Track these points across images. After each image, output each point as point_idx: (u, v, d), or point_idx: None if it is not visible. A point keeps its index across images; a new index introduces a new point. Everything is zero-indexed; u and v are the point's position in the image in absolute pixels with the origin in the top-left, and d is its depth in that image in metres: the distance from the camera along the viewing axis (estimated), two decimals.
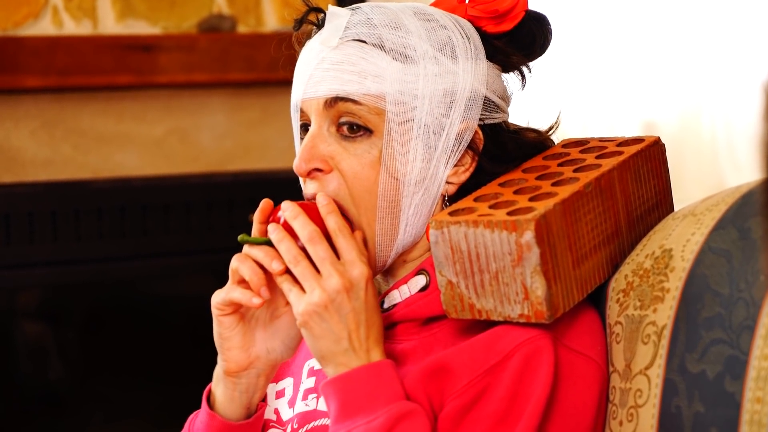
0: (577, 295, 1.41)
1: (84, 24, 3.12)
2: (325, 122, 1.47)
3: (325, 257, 1.40)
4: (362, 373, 1.38)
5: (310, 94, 1.47)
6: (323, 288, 1.38)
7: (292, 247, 1.41)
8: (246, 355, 1.48)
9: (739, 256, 1.37)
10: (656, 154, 1.55)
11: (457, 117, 1.47)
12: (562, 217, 1.38)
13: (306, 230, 1.41)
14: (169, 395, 3.03)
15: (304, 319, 1.39)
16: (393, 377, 1.39)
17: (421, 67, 1.46)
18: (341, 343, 1.39)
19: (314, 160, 1.46)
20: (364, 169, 1.45)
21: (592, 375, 1.43)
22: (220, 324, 1.48)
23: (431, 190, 1.47)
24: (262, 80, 3.17)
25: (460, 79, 1.47)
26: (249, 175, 3.24)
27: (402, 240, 1.47)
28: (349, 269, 1.40)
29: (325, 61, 1.46)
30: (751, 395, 1.30)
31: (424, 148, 1.46)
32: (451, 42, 1.48)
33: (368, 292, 1.40)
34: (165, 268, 3.17)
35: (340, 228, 1.42)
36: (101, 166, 3.15)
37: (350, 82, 1.45)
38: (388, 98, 1.45)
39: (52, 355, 3.15)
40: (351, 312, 1.39)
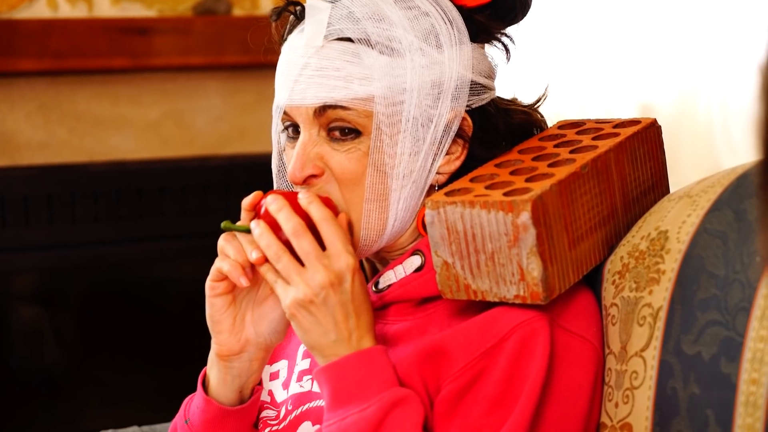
0: (573, 277, 1.41)
1: (79, 7, 3.12)
2: (315, 128, 1.46)
3: (309, 251, 1.38)
4: (353, 360, 1.38)
5: (297, 102, 1.45)
6: (308, 284, 1.37)
7: (272, 243, 1.39)
8: (236, 338, 1.48)
9: (735, 237, 1.37)
10: (652, 136, 1.55)
11: (445, 108, 1.46)
12: (558, 198, 1.38)
13: (290, 223, 1.39)
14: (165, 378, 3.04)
15: (291, 312, 1.39)
16: (385, 363, 1.38)
17: (407, 59, 1.45)
18: (329, 335, 1.38)
19: (307, 166, 1.45)
20: (351, 164, 1.45)
21: (588, 356, 1.43)
22: (211, 306, 1.47)
23: (419, 183, 1.47)
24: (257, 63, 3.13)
25: (447, 69, 1.46)
26: (245, 158, 3.23)
27: (389, 233, 1.47)
28: (334, 262, 1.38)
29: (309, 67, 1.44)
30: (747, 377, 1.30)
31: (412, 141, 1.45)
32: (435, 30, 1.46)
33: (355, 282, 1.39)
34: (161, 251, 3.17)
35: (324, 217, 1.40)
36: (97, 150, 3.14)
37: (337, 89, 1.43)
38: (377, 99, 1.44)
39: (48, 338, 3.15)
40: (338, 305, 1.37)
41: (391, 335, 1.48)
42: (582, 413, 1.42)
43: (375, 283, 1.50)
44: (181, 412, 1.56)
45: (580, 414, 1.42)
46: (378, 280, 1.50)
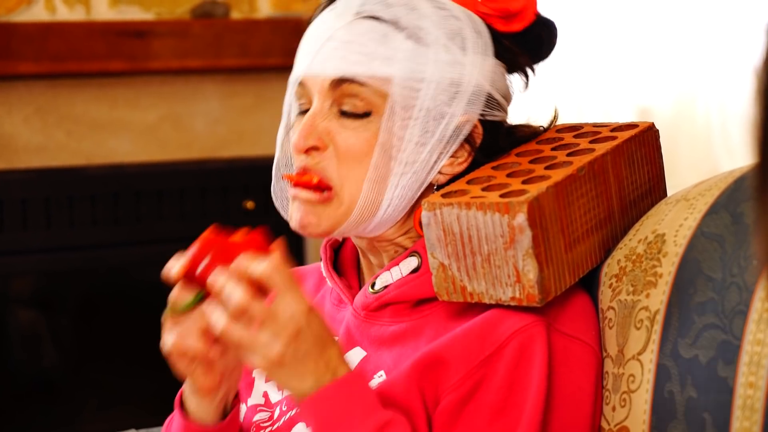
0: (569, 279, 1.41)
1: (77, 10, 3.12)
2: (328, 101, 1.47)
3: (261, 319, 1.32)
4: (332, 391, 1.35)
5: (317, 71, 1.46)
6: (267, 353, 1.33)
7: (219, 320, 1.33)
8: (213, 377, 1.45)
9: (732, 240, 1.37)
10: (650, 140, 1.55)
11: (459, 108, 1.47)
12: (554, 200, 1.38)
13: (233, 297, 1.32)
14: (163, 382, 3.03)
15: (264, 374, 1.36)
16: (364, 388, 1.36)
17: (432, 51, 1.46)
18: (307, 380, 1.35)
19: (311, 137, 1.46)
20: (358, 142, 1.45)
21: (588, 359, 1.43)
22: (177, 367, 1.44)
23: (420, 175, 1.47)
24: (255, 66, 3.16)
25: (467, 72, 1.47)
26: (243, 161, 3.24)
27: (379, 217, 1.47)
28: (287, 319, 1.33)
29: (335, 39, 1.46)
30: (744, 380, 1.30)
31: (421, 131, 1.46)
32: (462, 33, 1.48)
33: (312, 324, 1.34)
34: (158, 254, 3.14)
35: (265, 273, 1.33)
36: (94, 153, 3.14)
37: (358, 63, 1.45)
38: (395, 80, 1.45)
39: (46, 341, 3.15)
40: (305, 353, 1.34)
41: (387, 336, 1.47)
42: (587, 416, 1.42)
43: (372, 284, 1.50)
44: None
45: (585, 417, 1.42)
46: (375, 281, 1.50)
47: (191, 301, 1.38)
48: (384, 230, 1.50)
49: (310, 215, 1.48)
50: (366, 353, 1.48)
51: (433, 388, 1.39)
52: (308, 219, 1.48)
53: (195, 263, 1.37)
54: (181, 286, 1.39)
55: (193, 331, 1.39)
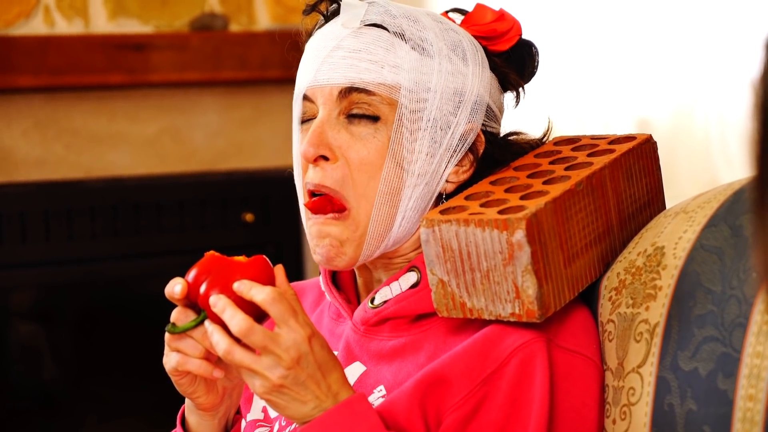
0: (569, 294, 1.40)
1: (76, 23, 3.12)
2: (335, 110, 1.47)
3: (263, 345, 1.33)
4: (335, 414, 1.35)
5: (324, 81, 1.46)
6: (272, 373, 1.33)
7: (220, 341, 1.34)
8: (214, 395, 1.45)
9: (731, 253, 1.37)
10: (648, 152, 1.55)
11: (463, 117, 1.48)
12: (553, 216, 1.38)
13: (234, 322, 1.33)
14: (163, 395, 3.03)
15: (264, 398, 1.36)
16: (367, 409, 1.36)
17: (436, 61, 1.47)
18: (308, 405, 1.35)
19: (322, 147, 1.46)
20: (371, 154, 1.45)
21: (590, 373, 1.43)
22: (179, 385, 1.44)
23: (431, 186, 1.48)
24: (254, 79, 3.16)
25: (469, 82, 1.49)
26: (242, 174, 3.23)
27: (395, 232, 1.47)
28: (290, 344, 1.33)
29: (342, 48, 1.47)
30: (744, 393, 1.30)
31: (430, 141, 1.46)
32: (462, 45, 1.50)
33: (314, 349, 1.34)
34: (158, 267, 3.16)
35: (266, 300, 1.34)
36: (94, 166, 3.14)
37: (367, 71, 1.45)
38: (403, 90, 1.45)
39: (46, 355, 3.15)
40: (308, 378, 1.34)
41: (387, 351, 1.47)
42: (593, 430, 1.42)
43: (371, 299, 1.50)
44: None
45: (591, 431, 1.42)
46: (374, 296, 1.50)
47: (192, 322, 1.38)
48: (400, 245, 1.50)
49: (334, 247, 1.47)
50: (366, 368, 1.48)
51: (435, 408, 1.39)
52: (333, 251, 1.47)
53: (196, 284, 1.37)
54: (183, 307, 1.39)
55: (196, 352, 1.39)
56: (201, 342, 1.38)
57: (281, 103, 1.46)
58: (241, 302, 1.35)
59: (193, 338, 1.38)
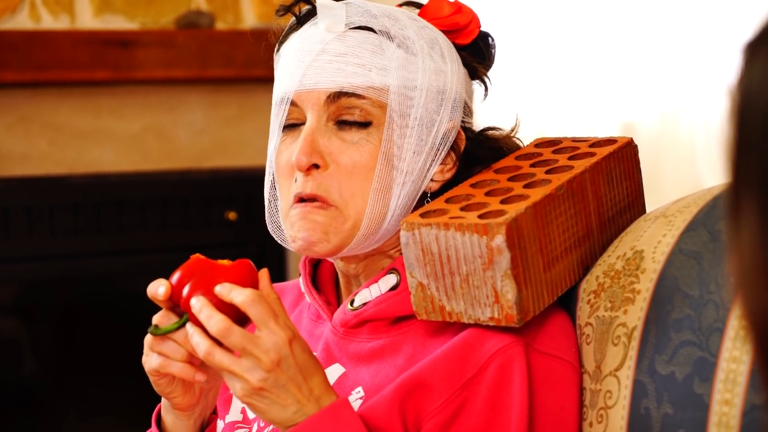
0: (548, 299, 1.41)
1: (61, 18, 3.11)
2: (324, 115, 1.45)
3: (242, 346, 1.32)
4: (319, 419, 1.34)
5: (310, 86, 1.45)
6: (252, 375, 1.33)
7: (200, 343, 1.33)
8: (191, 395, 1.45)
9: (710, 258, 1.37)
10: (629, 156, 1.55)
11: (445, 116, 1.48)
12: (533, 221, 1.38)
13: (212, 323, 1.32)
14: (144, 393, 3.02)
15: (244, 401, 1.35)
16: (350, 414, 1.36)
17: (420, 60, 1.47)
18: (289, 409, 1.34)
19: (315, 155, 1.44)
20: (363, 157, 1.45)
21: (569, 377, 1.43)
22: (157, 385, 1.44)
23: (417, 184, 1.48)
24: (240, 77, 3.16)
25: (449, 79, 1.49)
26: (226, 172, 3.23)
27: (384, 228, 1.47)
28: (270, 343, 1.32)
29: (327, 52, 1.45)
30: (720, 397, 1.30)
31: (417, 140, 1.46)
32: (439, 42, 1.50)
33: (296, 352, 1.34)
34: (141, 264, 3.16)
35: (246, 301, 1.33)
36: (77, 162, 3.14)
37: (355, 75, 1.44)
38: (392, 89, 1.45)
39: (26, 351, 3.14)
40: (289, 380, 1.33)
41: (366, 353, 1.47)
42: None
43: (351, 301, 1.50)
44: None
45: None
46: (354, 298, 1.50)
47: (174, 325, 1.37)
48: (384, 241, 1.49)
49: (318, 232, 1.45)
50: (345, 370, 1.48)
51: (414, 413, 1.39)
52: (316, 236, 1.45)
53: (179, 287, 1.37)
54: (166, 309, 1.39)
55: (178, 355, 1.38)
56: (183, 345, 1.37)
57: (266, 101, 1.46)
58: (223, 306, 1.34)
59: (176, 341, 1.38)
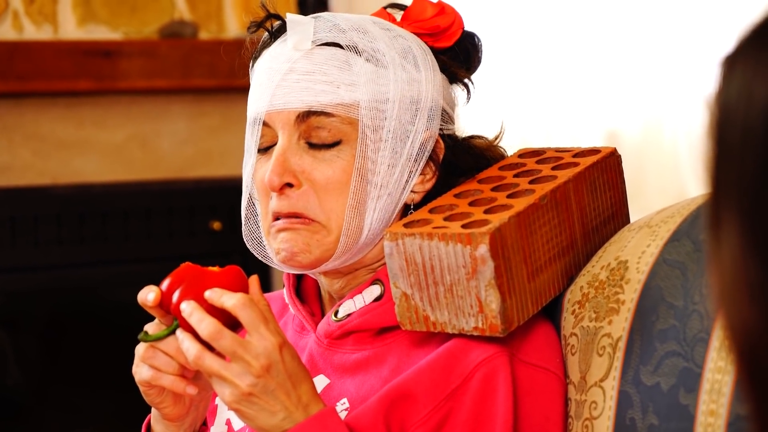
0: (532, 308, 1.40)
1: (44, 29, 3.11)
2: (295, 135, 1.45)
3: (232, 350, 1.32)
4: (306, 427, 1.34)
5: (280, 106, 1.44)
6: (241, 381, 1.32)
7: (190, 348, 1.33)
8: (181, 406, 1.45)
9: (694, 268, 1.37)
10: (612, 165, 1.55)
11: (421, 126, 1.47)
12: (517, 230, 1.38)
13: (202, 326, 1.33)
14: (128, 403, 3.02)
15: (233, 407, 1.35)
16: (337, 423, 1.36)
17: (391, 72, 1.46)
18: (277, 415, 1.34)
19: (287, 175, 1.44)
20: (336, 173, 1.44)
21: (554, 388, 1.43)
22: (147, 395, 1.43)
23: (394, 197, 1.47)
24: (223, 87, 3.16)
25: (423, 88, 1.48)
26: (210, 181, 3.23)
27: (362, 242, 1.46)
28: (260, 348, 1.33)
29: (295, 71, 1.44)
30: (705, 408, 1.30)
31: (390, 152, 1.46)
32: (412, 51, 1.49)
33: (285, 358, 1.34)
34: (124, 274, 3.15)
35: (237, 305, 1.34)
36: (61, 172, 3.13)
37: (323, 93, 1.43)
38: (362, 104, 1.44)
39: (10, 361, 3.13)
40: (277, 387, 1.33)
41: (350, 364, 1.47)
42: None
43: (335, 312, 1.49)
44: None
45: None
46: (338, 309, 1.49)
47: (165, 331, 1.37)
48: (364, 255, 1.49)
49: (300, 243, 1.45)
50: (329, 381, 1.48)
51: (399, 423, 1.39)
52: (298, 247, 1.45)
53: (169, 293, 1.37)
54: (157, 315, 1.39)
55: (169, 368, 1.38)
56: (175, 357, 1.37)
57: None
58: (213, 311, 1.34)
59: (167, 354, 1.38)
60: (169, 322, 1.39)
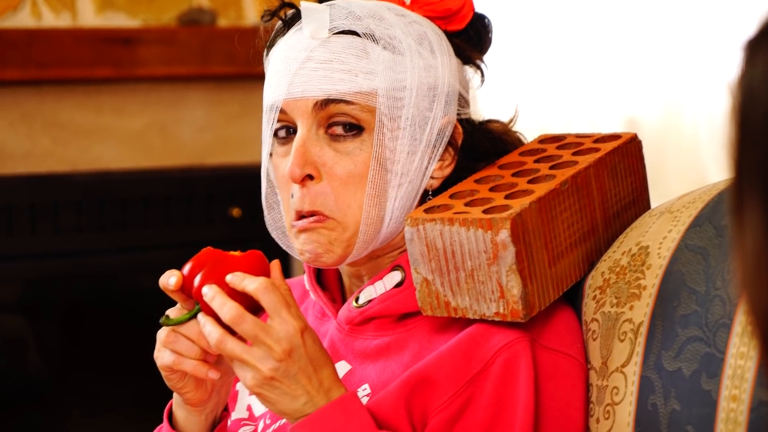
0: (553, 294, 1.40)
1: (63, 16, 3.11)
2: (314, 124, 1.45)
3: (254, 333, 1.33)
4: (328, 411, 1.34)
5: (298, 95, 1.44)
6: (263, 365, 1.33)
7: (212, 332, 1.34)
8: (203, 391, 1.45)
9: (716, 253, 1.37)
10: (633, 151, 1.55)
11: (439, 111, 1.47)
12: (537, 216, 1.38)
13: (224, 310, 1.33)
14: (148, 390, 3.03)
15: (255, 392, 1.35)
16: (359, 408, 1.36)
17: (408, 59, 1.45)
18: (299, 400, 1.35)
19: (308, 166, 1.44)
20: (358, 167, 1.44)
21: (575, 373, 1.43)
22: (168, 380, 1.43)
23: (415, 184, 1.47)
24: (242, 74, 3.15)
25: (440, 74, 1.48)
26: (228, 169, 3.23)
27: (384, 232, 1.46)
28: (282, 333, 1.33)
29: (313, 59, 1.44)
30: (727, 393, 1.29)
31: (410, 140, 1.45)
32: (428, 37, 1.48)
33: (307, 343, 1.34)
34: (144, 261, 3.16)
35: (259, 289, 1.34)
36: (80, 159, 3.13)
37: (341, 81, 1.43)
38: (380, 93, 1.44)
39: (31, 348, 3.14)
40: (299, 371, 1.34)
41: (371, 350, 1.47)
42: (579, 430, 1.42)
43: (356, 298, 1.49)
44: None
45: (578, 430, 1.41)
46: (358, 296, 1.49)
47: (186, 315, 1.38)
48: (386, 243, 1.49)
49: (323, 244, 1.45)
50: (350, 367, 1.48)
51: (420, 408, 1.39)
52: (322, 248, 1.45)
53: (191, 277, 1.37)
54: (178, 301, 1.39)
55: (191, 353, 1.39)
56: (197, 341, 1.38)
57: None
58: (235, 295, 1.35)
59: (189, 338, 1.38)
60: (191, 306, 1.39)
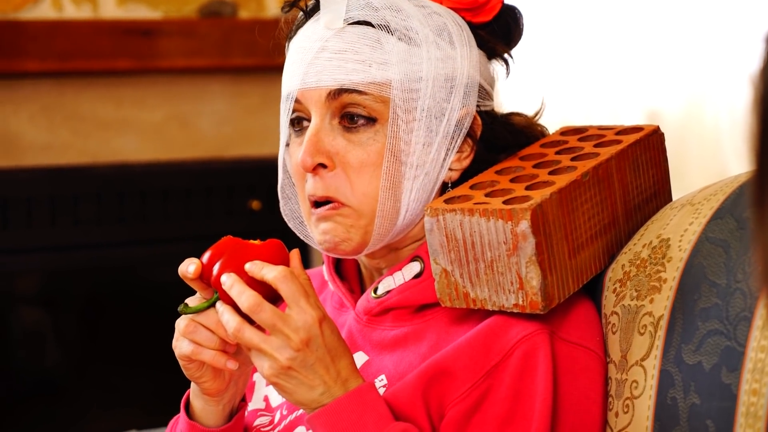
0: (573, 286, 1.40)
1: (84, 8, 3.12)
2: (327, 114, 1.45)
3: (272, 323, 1.33)
4: (345, 402, 1.34)
5: (312, 84, 1.44)
6: (280, 354, 1.33)
7: (230, 320, 1.34)
8: (221, 381, 1.44)
9: (737, 246, 1.36)
10: (655, 144, 1.54)
11: (457, 103, 1.46)
12: (558, 207, 1.37)
13: (242, 298, 1.33)
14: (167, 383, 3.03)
15: (272, 381, 1.35)
16: (376, 399, 1.36)
17: (424, 50, 1.45)
18: (316, 390, 1.35)
19: (320, 155, 1.44)
20: (371, 157, 1.44)
21: (594, 366, 1.42)
22: (186, 369, 1.43)
23: (432, 176, 1.46)
24: (262, 66, 3.16)
25: (459, 65, 1.47)
26: (248, 161, 3.23)
27: (400, 224, 1.46)
28: (300, 322, 1.33)
29: (327, 49, 1.44)
30: (748, 387, 1.29)
31: (425, 131, 1.45)
32: (447, 28, 1.48)
33: (325, 333, 1.34)
34: (163, 254, 3.16)
35: (278, 277, 1.34)
36: (100, 152, 3.14)
37: (355, 72, 1.43)
38: (394, 84, 1.43)
39: (50, 341, 3.15)
40: (317, 361, 1.34)
41: (389, 341, 1.47)
42: (596, 423, 1.41)
43: (374, 289, 1.49)
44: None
45: (595, 424, 1.41)
46: (377, 286, 1.49)
47: (205, 303, 1.38)
48: (404, 234, 1.49)
49: (341, 233, 1.45)
50: (368, 358, 1.48)
51: (438, 400, 1.39)
52: (340, 237, 1.45)
53: (210, 265, 1.37)
54: (197, 289, 1.39)
55: (211, 343, 1.38)
56: (216, 330, 1.38)
57: None
58: (254, 284, 1.35)
59: (208, 328, 1.38)
60: (210, 295, 1.39)
